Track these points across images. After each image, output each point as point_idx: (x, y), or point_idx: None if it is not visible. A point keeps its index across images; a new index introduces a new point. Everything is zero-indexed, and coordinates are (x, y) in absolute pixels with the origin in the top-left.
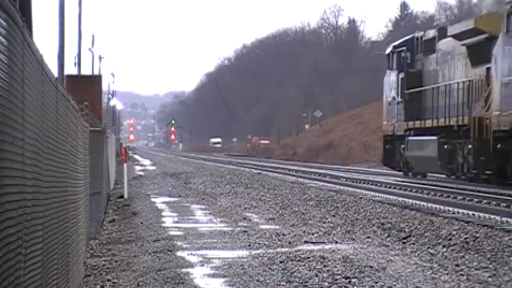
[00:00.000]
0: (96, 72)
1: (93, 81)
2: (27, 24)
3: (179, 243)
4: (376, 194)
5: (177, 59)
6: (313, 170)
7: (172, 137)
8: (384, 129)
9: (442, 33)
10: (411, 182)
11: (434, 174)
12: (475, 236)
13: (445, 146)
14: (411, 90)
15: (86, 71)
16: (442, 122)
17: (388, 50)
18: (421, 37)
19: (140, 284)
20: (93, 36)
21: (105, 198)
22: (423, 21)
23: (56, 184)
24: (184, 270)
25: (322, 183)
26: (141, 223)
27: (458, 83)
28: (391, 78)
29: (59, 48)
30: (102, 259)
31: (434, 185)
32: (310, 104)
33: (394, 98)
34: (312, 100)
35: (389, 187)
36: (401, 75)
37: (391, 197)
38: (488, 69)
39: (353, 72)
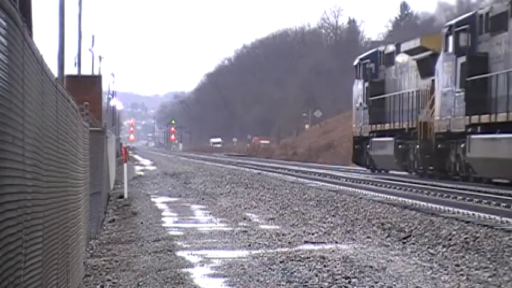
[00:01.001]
0: (96, 73)
1: (93, 81)
2: (27, 24)
3: (179, 243)
4: (376, 194)
5: (177, 59)
6: (313, 170)
7: (172, 137)
8: (353, 131)
9: (399, 48)
10: (411, 182)
11: (394, 172)
12: (475, 236)
13: (400, 146)
14: (374, 98)
15: (86, 71)
16: (397, 125)
17: (355, 62)
18: (383, 51)
19: (140, 284)
20: (93, 36)
21: (105, 198)
22: (423, 21)
23: (56, 184)
24: (184, 270)
25: (322, 183)
26: (141, 223)
27: (409, 92)
28: (359, 87)
29: (59, 48)
30: (102, 259)
31: (434, 185)
32: (310, 104)
33: (361, 104)
34: (312, 100)
35: (390, 187)
36: (367, 84)
37: (391, 197)
38: (432, 81)
39: (353, 72)
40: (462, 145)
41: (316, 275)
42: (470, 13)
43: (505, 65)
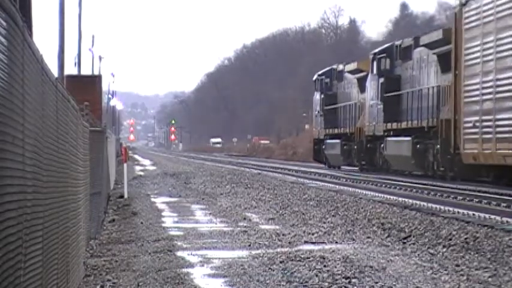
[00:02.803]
0: (96, 72)
1: (93, 81)
2: (27, 24)
3: (179, 243)
4: (376, 194)
5: (177, 59)
6: (313, 170)
7: (172, 137)
8: (313, 134)
9: (344, 68)
10: (411, 182)
11: (346, 167)
12: (475, 236)
13: (344, 147)
14: (328, 107)
15: (86, 71)
16: (343, 130)
17: (314, 77)
18: (336, 69)
19: (140, 284)
20: (93, 36)
21: (105, 198)
22: (423, 21)
23: (56, 184)
24: (184, 270)
25: (322, 183)
26: (141, 223)
27: (351, 103)
28: (316, 98)
29: (59, 48)
30: (102, 259)
31: (434, 185)
32: (310, 104)
33: (318, 111)
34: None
35: (390, 187)
36: (322, 95)
37: (391, 197)
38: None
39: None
40: (382, 145)
41: (316, 275)
42: (389, 44)
43: (410, 86)
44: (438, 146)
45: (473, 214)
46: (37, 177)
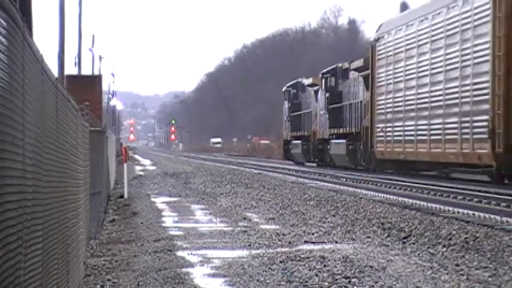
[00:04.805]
0: (96, 72)
1: (93, 81)
2: (27, 24)
3: (179, 243)
4: (376, 194)
5: (177, 59)
6: (313, 170)
7: (173, 137)
8: (283, 136)
9: (305, 82)
10: (411, 182)
11: (308, 163)
12: (475, 236)
13: (304, 147)
14: (293, 114)
15: (86, 71)
16: (303, 133)
17: (284, 89)
18: (301, 82)
19: (140, 283)
20: (93, 36)
21: (105, 198)
22: None
23: (56, 184)
24: (185, 270)
25: (322, 183)
26: (141, 223)
27: (310, 111)
28: (285, 106)
29: (59, 48)
30: (102, 259)
31: (434, 185)
32: None
33: (287, 117)
34: None
35: (390, 187)
36: (290, 104)
37: (391, 197)
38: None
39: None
40: (328, 146)
41: (316, 275)
42: (334, 66)
43: (348, 100)
44: (361, 147)
45: (473, 214)
46: (37, 177)
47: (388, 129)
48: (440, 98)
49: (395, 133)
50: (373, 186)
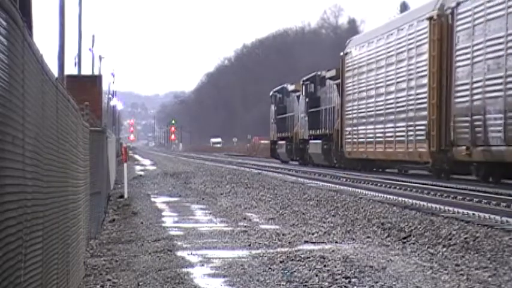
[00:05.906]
0: (96, 72)
1: (93, 81)
2: (27, 24)
3: (179, 243)
4: (376, 194)
5: (177, 59)
6: (313, 170)
7: (173, 137)
8: (270, 137)
9: (289, 87)
10: (411, 182)
11: (292, 161)
12: (475, 236)
13: (288, 147)
14: (279, 116)
15: (86, 71)
16: (286, 134)
17: (270, 93)
18: (287, 87)
19: (140, 283)
20: (93, 36)
21: (105, 198)
22: None
23: (56, 184)
24: (185, 270)
25: (322, 183)
26: (141, 223)
27: (294, 114)
28: (272, 109)
29: (59, 48)
30: (102, 259)
31: (434, 185)
32: None
33: (273, 119)
34: None
35: (390, 187)
36: (275, 108)
37: (391, 197)
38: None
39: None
40: (307, 146)
41: (316, 275)
42: (313, 73)
43: (325, 104)
44: (333, 147)
45: (473, 214)
46: (37, 177)
47: (354, 132)
48: (392, 105)
49: (360, 135)
50: (373, 186)
